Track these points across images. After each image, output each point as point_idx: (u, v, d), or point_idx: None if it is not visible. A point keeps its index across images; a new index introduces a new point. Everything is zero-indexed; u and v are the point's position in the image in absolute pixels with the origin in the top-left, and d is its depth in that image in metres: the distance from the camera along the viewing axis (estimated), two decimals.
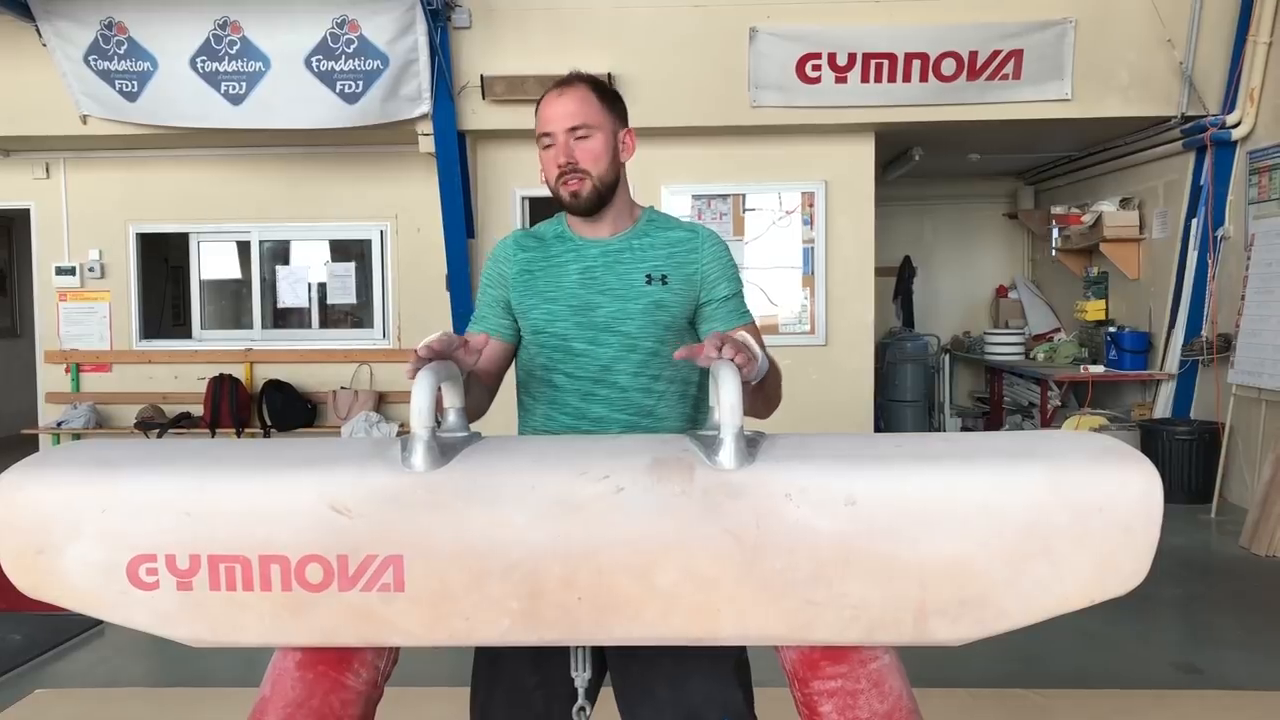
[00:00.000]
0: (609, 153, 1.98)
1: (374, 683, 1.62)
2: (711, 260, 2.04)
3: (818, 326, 7.60)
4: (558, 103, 1.95)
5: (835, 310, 7.62)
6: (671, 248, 2.03)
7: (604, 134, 1.97)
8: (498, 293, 2.08)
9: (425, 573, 1.46)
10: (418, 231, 7.99)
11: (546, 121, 1.96)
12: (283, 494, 1.46)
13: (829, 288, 7.63)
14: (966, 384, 10.38)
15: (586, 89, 1.97)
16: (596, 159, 1.96)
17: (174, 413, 8.08)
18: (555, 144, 1.95)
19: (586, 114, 1.95)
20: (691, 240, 2.04)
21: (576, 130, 1.94)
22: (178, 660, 4.22)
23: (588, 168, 1.95)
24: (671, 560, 1.45)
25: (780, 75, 6.91)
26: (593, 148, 1.96)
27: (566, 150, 1.94)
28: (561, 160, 1.94)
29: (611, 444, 1.62)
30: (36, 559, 1.47)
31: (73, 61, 7.01)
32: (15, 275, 10.89)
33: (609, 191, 1.99)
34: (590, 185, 1.96)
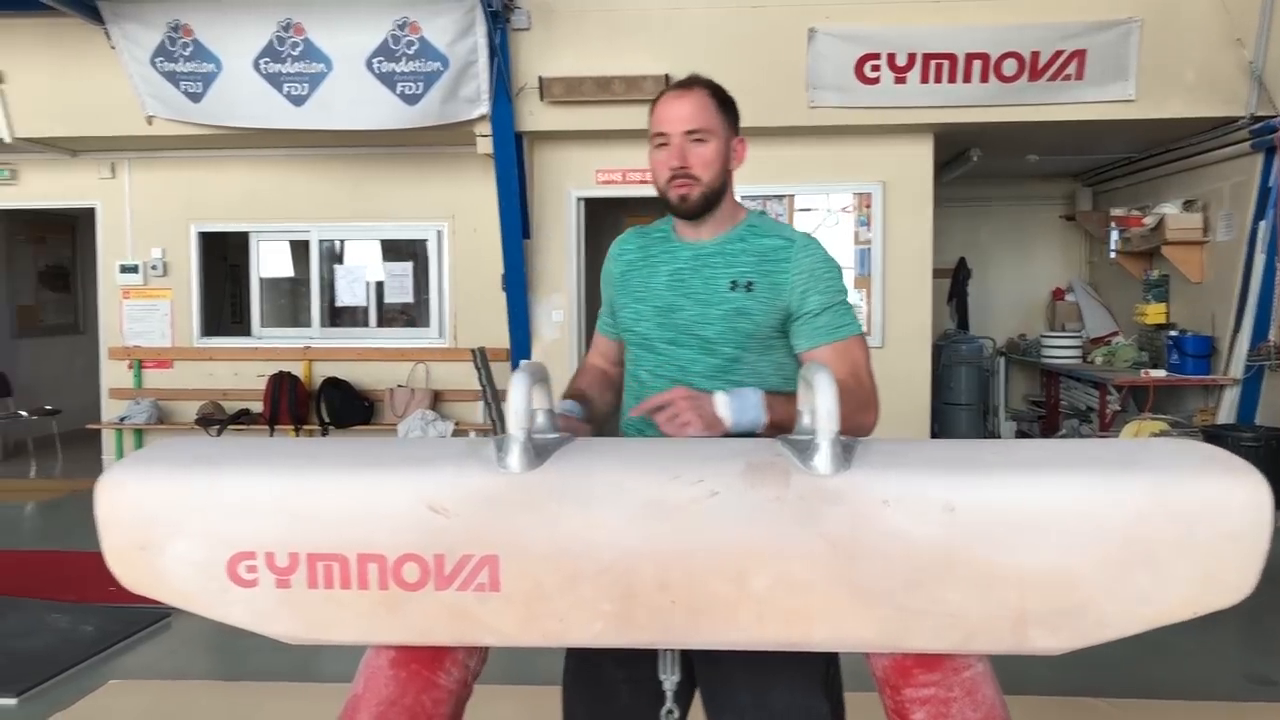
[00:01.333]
0: (721, 160, 1.97)
1: (465, 682, 1.63)
2: (802, 270, 1.97)
3: (874, 329, 7.55)
4: (676, 104, 1.95)
5: (892, 313, 7.57)
6: (763, 255, 1.99)
7: (718, 140, 1.97)
8: (608, 291, 2.14)
9: (520, 573, 1.46)
10: (474, 232, 8.04)
11: (663, 122, 1.95)
12: (381, 493, 1.47)
13: (886, 290, 7.57)
14: (1021, 387, 10.26)
15: (706, 94, 1.97)
16: (708, 165, 1.95)
17: (233, 409, 8.19)
18: (670, 145, 1.94)
19: (704, 119, 1.94)
20: (785, 249, 1.99)
21: (693, 134, 1.94)
22: (240, 655, 4.28)
23: (699, 173, 1.94)
24: (766, 565, 1.44)
25: (839, 76, 6.86)
26: (706, 154, 1.95)
27: (680, 154, 1.93)
28: (675, 163, 1.94)
29: (702, 448, 1.62)
30: (139, 555, 1.49)
31: (139, 63, 7.13)
32: (78, 273, 11.10)
33: (716, 198, 1.99)
34: (699, 191, 1.95)
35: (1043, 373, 9.56)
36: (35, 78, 7.48)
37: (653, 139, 1.99)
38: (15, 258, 10.36)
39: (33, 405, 9.20)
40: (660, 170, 1.98)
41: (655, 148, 1.98)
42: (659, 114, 1.97)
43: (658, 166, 1.98)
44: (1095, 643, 1.44)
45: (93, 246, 8.69)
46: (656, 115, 1.98)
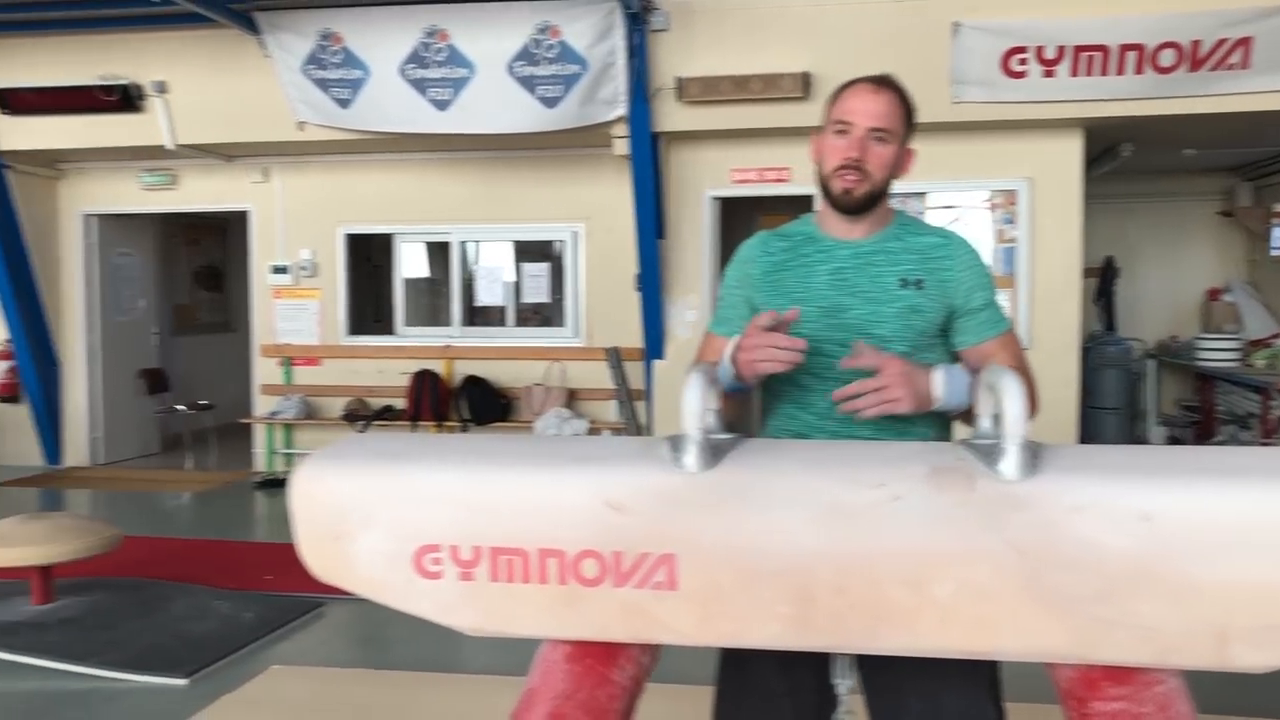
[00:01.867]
0: (892, 164, 1.96)
1: (638, 679, 1.64)
2: (966, 267, 1.99)
3: (1020, 330, 7.34)
4: (870, 98, 1.93)
5: (1039, 313, 7.34)
6: (925, 252, 1.99)
7: (896, 146, 1.95)
8: (743, 294, 2.07)
9: (697, 572, 1.47)
10: (609, 232, 8.11)
11: (851, 112, 1.93)
12: (562, 490, 1.50)
13: (1033, 290, 7.36)
14: (1173, 391, 9.83)
15: (897, 97, 1.96)
16: (883, 165, 1.94)
17: (378, 406, 8.44)
18: (850, 135, 1.93)
19: (892, 120, 1.94)
20: (946, 246, 2.01)
21: (877, 131, 1.92)
22: (386, 644, 4.42)
23: (873, 170, 1.93)
24: (949, 571, 1.41)
25: (984, 70, 6.69)
26: (885, 154, 1.94)
27: (861, 146, 1.92)
28: (853, 154, 1.92)
29: (882, 451, 1.59)
30: (332, 545, 1.55)
31: (292, 71, 7.41)
32: (230, 274, 11.60)
33: (878, 200, 1.98)
34: (867, 188, 1.94)
35: (1197, 376, 9.14)
36: (195, 87, 7.84)
37: (831, 124, 1.97)
38: (172, 259, 10.89)
39: (189, 400, 9.65)
40: (831, 156, 1.95)
41: (832, 134, 1.96)
42: (847, 103, 1.95)
43: (829, 152, 1.96)
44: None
45: (242, 247, 9.07)
46: (844, 104, 1.95)
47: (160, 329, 10.18)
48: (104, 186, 9.02)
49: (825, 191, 1.99)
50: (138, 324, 9.76)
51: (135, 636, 4.29)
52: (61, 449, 9.11)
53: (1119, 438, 9.33)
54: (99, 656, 4.03)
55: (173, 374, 10.07)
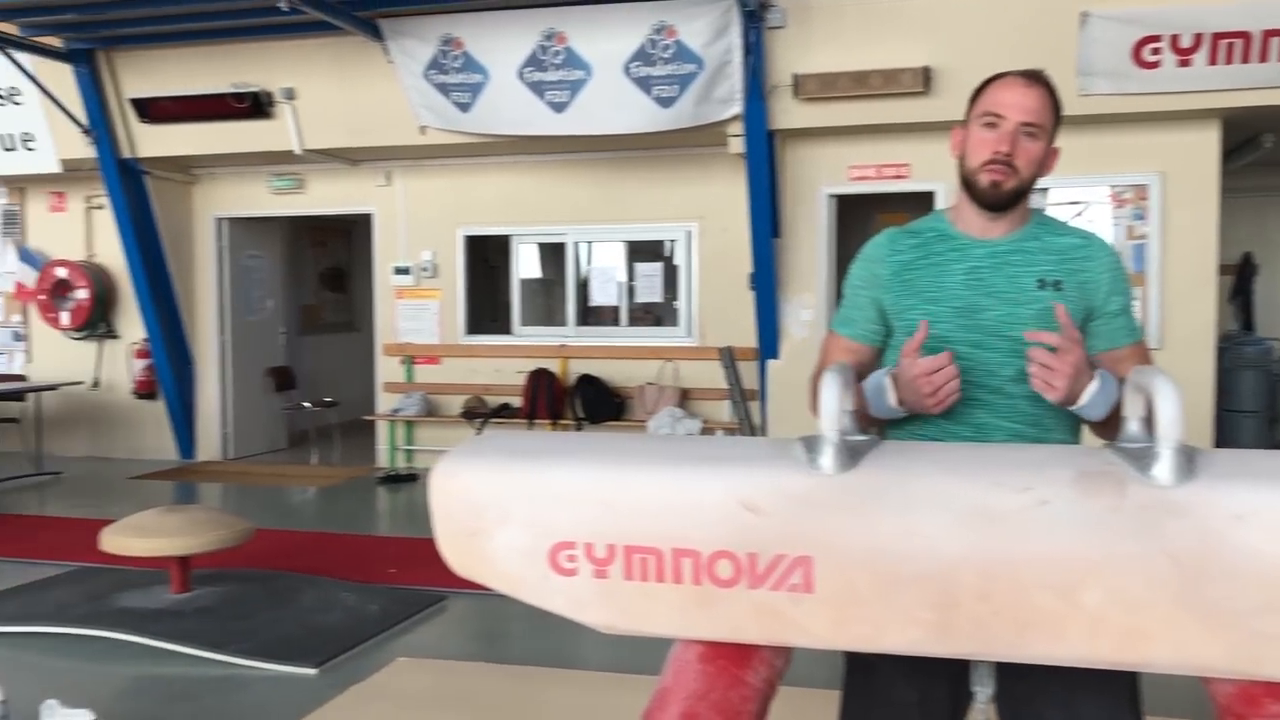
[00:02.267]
0: (1041, 161, 1.91)
1: (771, 681, 1.63)
2: (1106, 270, 1.94)
3: (1151, 329, 7.07)
4: (1023, 92, 1.88)
5: (1171, 312, 7.07)
6: (1064, 253, 1.94)
7: (1045, 142, 1.91)
8: (870, 294, 2.02)
9: (834, 575, 1.45)
10: (723, 231, 8.08)
11: (1001, 105, 1.89)
12: (696, 490, 1.49)
13: (1165, 288, 7.08)
14: None
15: (1048, 93, 1.91)
16: (1032, 162, 1.89)
17: (495, 404, 8.58)
18: (1001, 129, 1.88)
19: (1043, 116, 1.89)
20: (1085, 247, 1.95)
21: (1029, 126, 1.87)
22: (507, 639, 4.48)
23: (1021, 166, 1.88)
24: (1099, 579, 1.37)
25: (1114, 61, 6.47)
26: (1034, 150, 1.89)
27: (1012, 140, 1.87)
28: (1003, 148, 1.87)
29: (1028, 454, 1.55)
30: (470, 541, 1.57)
31: (414, 76, 7.57)
32: (354, 275, 11.92)
33: (1022, 196, 1.93)
34: (1014, 184, 1.89)
35: None
36: (322, 93, 8.08)
37: (978, 116, 1.92)
38: (299, 261, 11.24)
39: (314, 397, 9.96)
40: (978, 150, 1.90)
41: (980, 126, 1.91)
42: (997, 96, 1.90)
43: (977, 145, 1.91)
44: None
45: (366, 249, 9.32)
46: (994, 96, 1.91)
47: (287, 328, 10.53)
48: (235, 191, 9.36)
49: (968, 186, 1.94)
50: (266, 324, 10.10)
51: (267, 626, 4.43)
52: (195, 444, 9.48)
53: (1257, 442, 8.92)
54: (234, 645, 4.18)
55: (299, 372, 10.41)
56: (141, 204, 8.86)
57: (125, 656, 4.19)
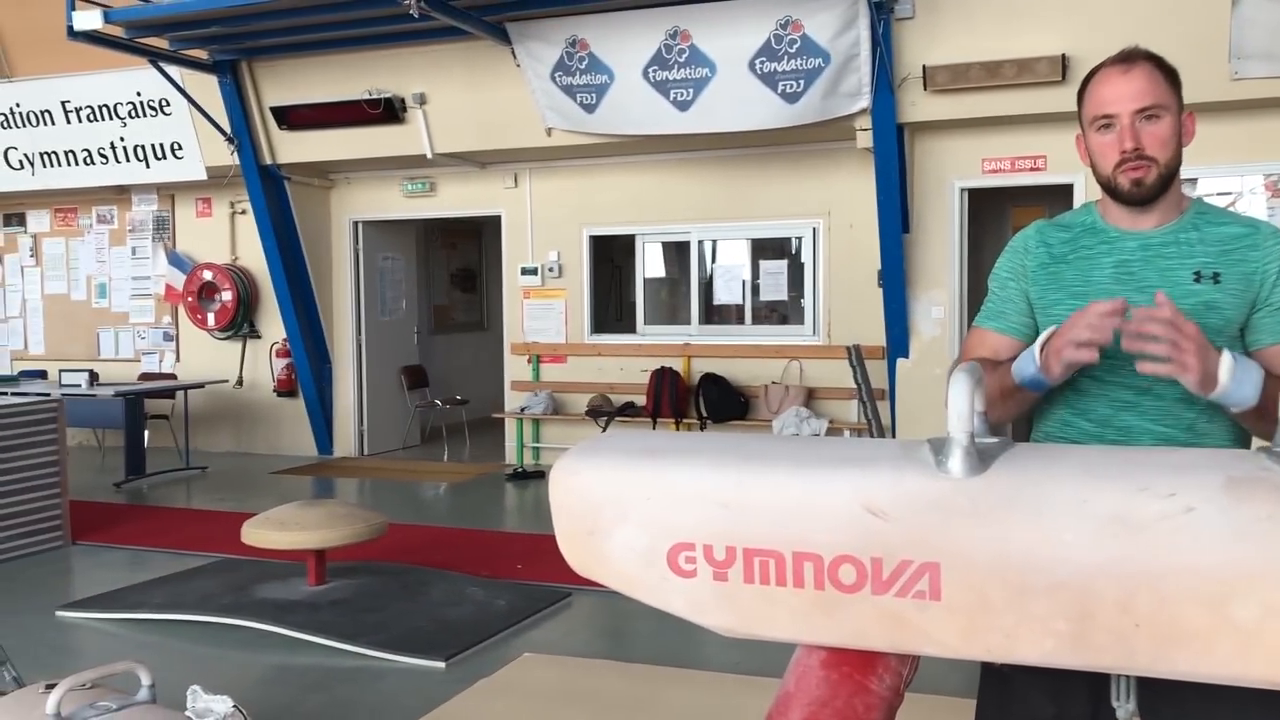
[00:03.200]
0: (1175, 138, 1.79)
1: (896, 689, 1.58)
2: (1276, 259, 1.78)
3: None
4: (1122, 81, 1.77)
5: None
6: (1225, 244, 1.80)
7: (1171, 117, 1.78)
8: (1019, 286, 1.92)
9: (962, 583, 1.39)
10: (850, 228, 7.96)
11: (1107, 102, 1.78)
12: (818, 492, 1.45)
13: None
14: None
15: (1152, 66, 1.78)
16: (1164, 144, 1.77)
17: (619, 402, 8.62)
18: (1119, 127, 1.77)
19: (1156, 94, 1.76)
20: (1251, 236, 1.80)
21: (1145, 111, 1.76)
22: (631, 637, 4.49)
23: (1155, 154, 1.76)
24: (1253, 592, 1.28)
25: (1269, 42, 6.12)
26: (1161, 132, 1.77)
27: (1133, 134, 1.76)
28: (1128, 145, 1.76)
29: (1172, 458, 1.46)
30: (588, 540, 1.57)
31: (541, 79, 7.67)
32: (483, 275, 12.15)
33: (1170, 180, 1.80)
34: (1156, 173, 1.77)
35: None
36: (452, 98, 8.26)
37: (1091, 122, 1.81)
38: (431, 262, 11.51)
39: (445, 395, 10.19)
40: (1107, 155, 1.79)
41: (1096, 131, 1.80)
42: (1099, 93, 1.79)
43: (1101, 152, 1.80)
44: None
45: (494, 250, 9.50)
46: (1097, 95, 1.80)
47: (420, 328, 10.79)
48: (370, 194, 9.65)
49: (1111, 191, 1.82)
50: (400, 323, 10.38)
51: (398, 619, 4.54)
52: (332, 440, 9.80)
53: None
54: (366, 637, 4.30)
55: (431, 371, 10.66)
56: (282, 208, 9.21)
57: (264, 646, 4.35)
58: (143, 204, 10.23)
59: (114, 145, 9.23)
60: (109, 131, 9.19)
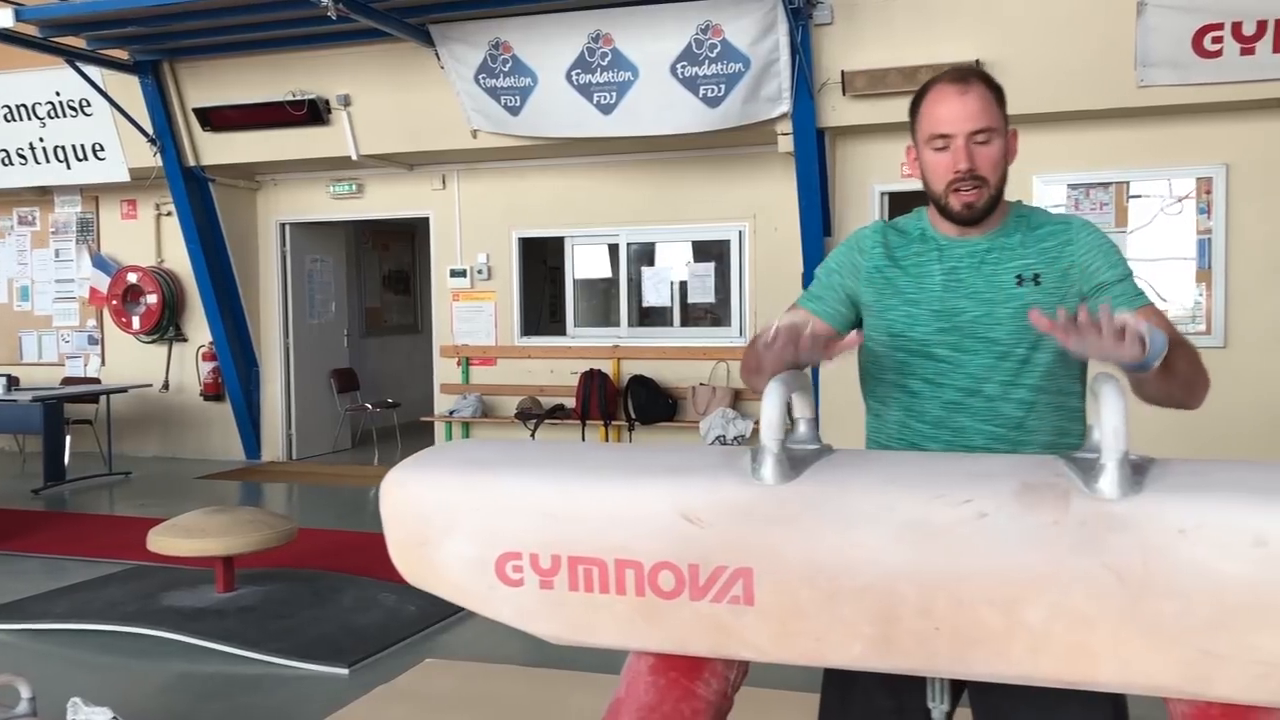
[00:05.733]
0: (1004, 159, 1.84)
1: (724, 693, 1.61)
2: (1088, 249, 1.84)
3: (1215, 326, 6.85)
4: (959, 102, 1.79)
5: (1237, 310, 6.83)
6: (1042, 243, 1.86)
7: (1001, 139, 1.82)
8: (845, 281, 1.96)
9: (775, 588, 1.43)
10: (775, 231, 8.02)
11: (943, 122, 1.80)
12: (638, 500, 1.48)
13: (1229, 283, 6.86)
14: None
15: (986, 89, 1.82)
16: (995, 166, 1.81)
17: (549, 404, 8.62)
18: (953, 148, 1.80)
19: (990, 116, 1.80)
20: (1064, 232, 1.86)
21: (978, 135, 1.79)
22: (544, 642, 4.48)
23: (987, 174, 1.80)
24: (1042, 595, 1.32)
25: (1173, 50, 6.27)
26: (992, 154, 1.81)
27: (968, 155, 1.79)
28: (963, 166, 1.79)
29: (974, 465, 1.51)
30: (419, 551, 1.59)
31: (465, 81, 7.64)
32: (417, 277, 12.07)
33: (999, 199, 1.85)
34: (986, 195, 1.82)
35: None
36: (377, 99, 8.20)
37: (926, 140, 1.84)
38: (363, 264, 11.43)
39: (377, 399, 10.11)
40: (939, 173, 1.83)
41: (931, 150, 1.83)
42: (936, 113, 1.82)
43: (935, 169, 1.84)
44: None
45: (428, 251, 9.44)
46: (933, 113, 1.82)
47: (350, 330, 10.70)
48: (296, 196, 9.55)
49: (941, 209, 1.87)
50: (330, 326, 10.29)
51: (306, 626, 4.51)
52: (260, 445, 9.69)
53: None
54: (271, 644, 4.26)
55: (363, 374, 10.58)
56: (207, 210, 9.09)
57: (167, 654, 4.29)
58: (65, 206, 10.03)
59: (33, 146, 9.05)
60: (28, 132, 9.00)
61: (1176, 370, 1.66)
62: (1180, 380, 1.69)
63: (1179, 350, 1.65)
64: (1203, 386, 1.76)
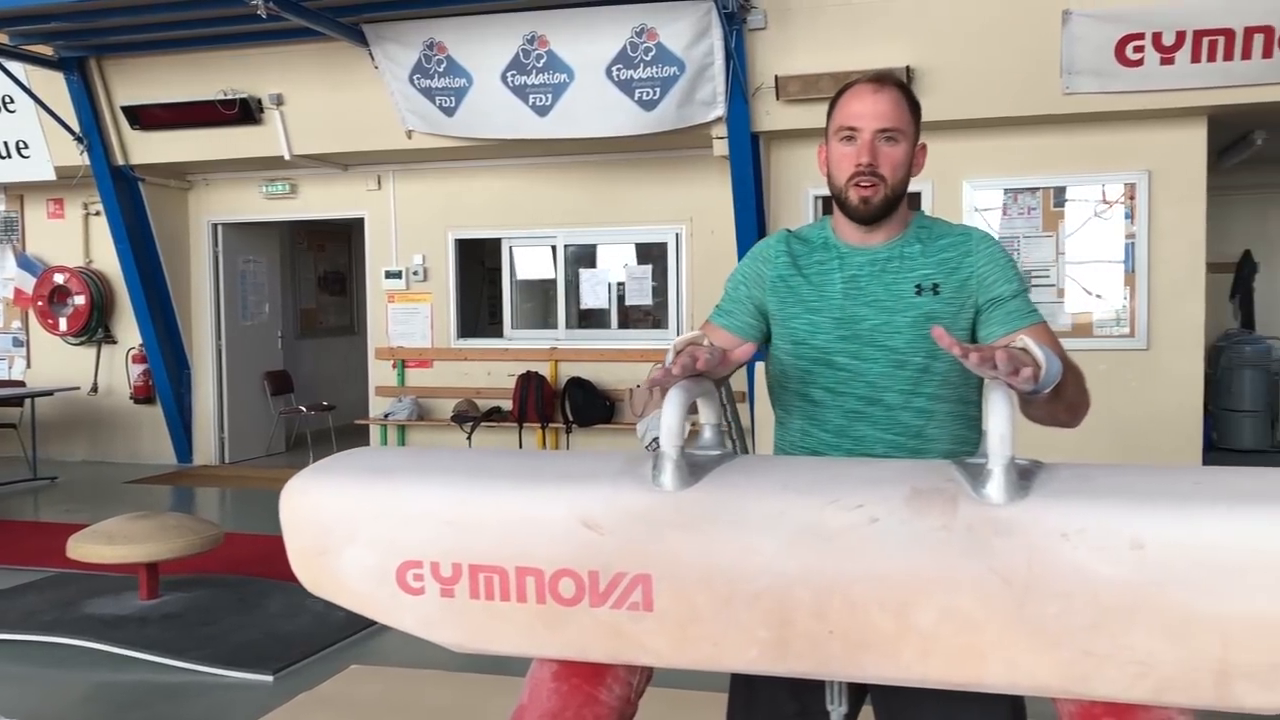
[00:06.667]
0: (908, 164, 1.87)
1: (627, 699, 1.61)
2: (986, 261, 1.87)
3: (1138, 328, 7.01)
4: (871, 100, 1.84)
5: (1159, 311, 7.00)
6: (942, 254, 1.89)
7: (908, 143, 1.86)
8: (751, 292, 1.99)
9: (673, 593, 1.43)
10: (711, 234, 8.06)
11: (854, 116, 1.85)
12: (538, 508, 1.48)
13: (1151, 286, 7.02)
14: None
15: (900, 93, 1.86)
16: (897, 168, 1.85)
17: (486, 407, 8.58)
18: (859, 141, 1.84)
19: (899, 118, 1.84)
20: (964, 243, 1.90)
21: (886, 132, 1.83)
22: None
23: (886, 174, 1.84)
24: (931, 598, 1.35)
25: (1097, 59, 6.41)
26: (896, 155, 1.85)
27: (871, 150, 1.83)
28: (864, 160, 1.83)
29: (868, 470, 1.53)
30: (319, 559, 1.57)
31: (399, 81, 7.59)
32: (354, 278, 11.95)
33: (897, 203, 1.88)
34: (883, 193, 1.85)
35: None
36: (310, 99, 8.11)
37: (835, 132, 1.88)
38: (298, 265, 11.28)
39: (311, 401, 9.99)
40: (842, 166, 1.87)
41: (839, 141, 1.87)
42: (848, 108, 1.86)
43: (839, 161, 1.88)
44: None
45: (364, 253, 9.34)
46: (845, 109, 1.87)
47: (285, 332, 10.56)
48: (229, 196, 9.41)
49: (840, 203, 1.91)
50: (263, 327, 10.15)
51: (231, 633, 4.45)
52: (192, 448, 9.53)
53: (1256, 441, 8.85)
54: (195, 651, 4.20)
55: (298, 376, 10.45)
56: (137, 210, 8.92)
57: (87, 664, 4.21)
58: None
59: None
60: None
61: (1064, 394, 1.67)
62: (1065, 404, 1.71)
63: (1068, 374, 1.68)
64: (1084, 408, 1.79)
